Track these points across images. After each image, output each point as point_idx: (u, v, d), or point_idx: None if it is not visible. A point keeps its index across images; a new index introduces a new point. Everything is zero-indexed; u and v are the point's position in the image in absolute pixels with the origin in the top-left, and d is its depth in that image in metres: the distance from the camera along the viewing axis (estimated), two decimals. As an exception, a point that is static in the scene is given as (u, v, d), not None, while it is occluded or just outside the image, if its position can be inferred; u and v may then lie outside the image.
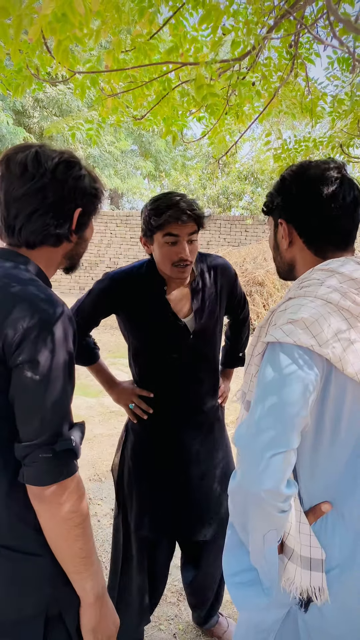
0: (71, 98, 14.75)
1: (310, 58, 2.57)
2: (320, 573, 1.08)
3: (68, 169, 1.18)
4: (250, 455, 0.97)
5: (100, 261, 14.04)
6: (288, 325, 1.03)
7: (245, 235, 13.14)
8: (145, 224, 1.84)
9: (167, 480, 1.97)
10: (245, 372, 1.27)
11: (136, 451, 2.02)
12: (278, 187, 1.30)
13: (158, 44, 2.24)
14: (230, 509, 1.11)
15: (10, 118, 13.67)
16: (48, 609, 1.13)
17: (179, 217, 1.74)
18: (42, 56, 2.18)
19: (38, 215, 1.14)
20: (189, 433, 1.99)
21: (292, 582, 1.11)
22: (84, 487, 1.13)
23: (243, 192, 14.19)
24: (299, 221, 1.24)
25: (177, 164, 19.84)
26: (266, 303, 9.59)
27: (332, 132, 3.01)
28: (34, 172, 1.14)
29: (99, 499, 3.49)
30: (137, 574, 2.04)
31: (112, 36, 2.01)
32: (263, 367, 1.05)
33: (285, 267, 1.33)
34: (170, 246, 1.79)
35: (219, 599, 2.31)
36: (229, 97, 2.36)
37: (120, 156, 17.95)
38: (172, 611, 2.49)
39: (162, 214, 1.75)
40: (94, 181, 1.24)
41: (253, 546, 1.08)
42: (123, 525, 2.05)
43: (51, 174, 1.15)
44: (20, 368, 1.03)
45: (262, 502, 0.96)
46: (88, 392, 5.63)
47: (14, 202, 1.15)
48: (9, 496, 1.09)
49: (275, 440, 0.95)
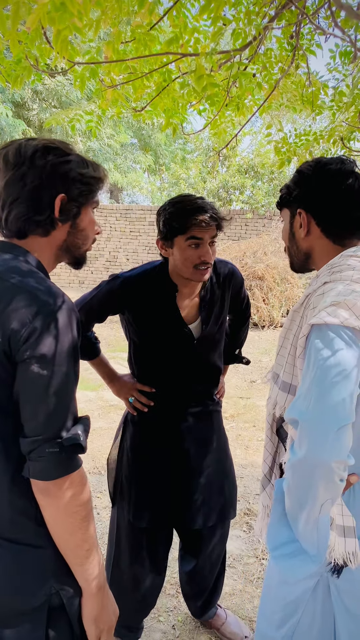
0: (70, 90, 14.66)
1: (311, 49, 2.55)
2: (353, 539, 1.16)
3: (46, 154, 1.16)
4: (318, 430, 1.03)
5: (100, 255, 14.01)
6: (332, 308, 1.10)
7: (246, 230, 13.10)
8: (165, 227, 1.82)
9: (167, 471, 1.98)
10: (279, 354, 1.35)
11: (135, 443, 2.03)
12: (296, 179, 1.38)
13: (158, 35, 2.22)
14: (289, 482, 1.15)
15: (9, 110, 13.59)
16: (50, 599, 1.14)
17: (204, 221, 1.75)
18: (42, 47, 2.16)
19: (18, 202, 1.14)
20: (188, 424, 2.01)
21: (332, 549, 1.18)
22: (88, 481, 1.14)
23: (243, 186, 14.14)
24: (318, 211, 1.33)
25: (176, 157, 19.77)
26: (266, 297, 9.58)
27: (333, 125, 2.99)
28: (15, 161, 1.14)
29: (99, 491, 3.50)
30: (133, 565, 2.05)
31: (111, 27, 1.99)
32: (313, 348, 1.10)
33: (301, 256, 1.41)
34: (193, 249, 1.79)
35: (218, 590, 2.32)
36: (230, 88, 2.34)
37: (120, 150, 17.90)
38: (171, 603, 2.50)
39: (187, 217, 1.75)
40: (84, 167, 1.21)
41: (307, 517, 1.14)
42: (119, 517, 2.05)
43: (29, 161, 1.14)
44: (27, 363, 1.02)
45: (331, 473, 1.03)
46: (88, 386, 5.64)
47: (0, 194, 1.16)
48: (11, 490, 1.10)
49: (340, 415, 1.02)
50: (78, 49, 2.31)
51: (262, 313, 9.34)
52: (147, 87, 2.44)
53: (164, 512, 1.99)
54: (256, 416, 5.09)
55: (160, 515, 1.99)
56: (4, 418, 1.07)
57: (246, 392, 5.85)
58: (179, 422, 2.00)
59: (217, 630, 2.30)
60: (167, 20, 2.19)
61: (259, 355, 7.46)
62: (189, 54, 2.08)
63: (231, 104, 2.56)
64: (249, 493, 3.58)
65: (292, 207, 1.40)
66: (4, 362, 1.04)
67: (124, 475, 2.03)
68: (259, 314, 9.33)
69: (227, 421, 4.92)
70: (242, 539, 3.04)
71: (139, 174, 19.89)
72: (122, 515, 2.04)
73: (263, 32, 1.83)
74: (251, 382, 6.25)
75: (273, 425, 1.49)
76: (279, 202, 1.45)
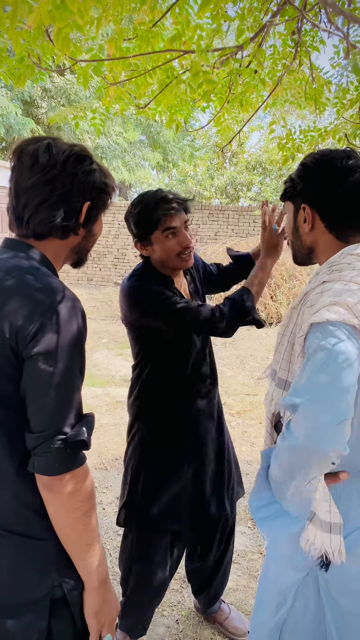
0: (79, 88, 14.68)
1: (315, 46, 2.54)
2: (338, 536, 1.17)
3: (78, 162, 1.18)
4: (318, 423, 1.06)
5: (108, 252, 14.04)
6: (332, 307, 1.10)
7: (254, 226, 13.06)
8: (137, 227, 1.83)
9: (187, 471, 1.98)
10: (276, 350, 1.36)
11: (153, 449, 1.99)
12: (300, 172, 1.36)
13: (161, 32, 2.22)
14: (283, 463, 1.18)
15: (18, 108, 13.64)
16: (53, 591, 1.16)
17: (172, 208, 1.77)
18: (44, 45, 2.17)
19: (46, 206, 1.15)
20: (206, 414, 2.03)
21: (312, 543, 1.19)
22: (92, 477, 1.16)
23: (251, 182, 14.10)
24: (323, 206, 1.31)
25: (185, 154, 19.74)
26: (274, 294, 9.55)
27: (337, 122, 2.98)
28: (45, 163, 1.14)
29: (105, 487, 3.52)
30: (162, 568, 2.02)
31: (114, 24, 1.99)
32: (313, 345, 1.11)
33: (304, 251, 1.40)
34: (172, 238, 1.82)
35: (223, 585, 2.33)
36: (231, 85, 2.34)
37: (129, 147, 17.90)
38: (175, 598, 2.51)
39: (154, 212, 1.77)
40: (104, 176, 1.25)
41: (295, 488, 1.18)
42: (142, 521, 1.98)
43: (61, 165, 1.15)
44: (34, 359, 1.04)
45: (326, 459, 1.06)
46: (95, 382, 5.67)
47: (24, 193, 1.15)
48: (16, 483, 1.11)
49: (340, 410, 1.05)
50: (81, 46, 2.32)
51: (270, 310, 9.31)
52: (150, 85, 2.45)
53: (188, 511, 1.98)
54: (262, 413, 5.09)
55: (185, 515, 1.98)
56: (9, 413, 1.09)
57: (253, 389, 5.85)
58: (196, 419, 2.00)
59: (220, 625, 2.32)
60: (170, 17, 2.19)
61: (266, 352, 7.45)
62: (189, 51, 2.08)
63: (235, 100, 2.55)
64: (254, 489, 3.58)
65: (297, 202, 1.38)
66: (11, 359, 1.05)
67: (145, 481, 1.97)
68: (267, 311, 9.30)
69: (233, 418, 4.93)
70: (247, 535, 3.05)
71: (147, 171, 19.88)
72: (144, 519, 1.97)
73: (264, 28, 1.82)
74: (258, 379, 6.25)
75: (272, 420, 1.49)
76: (283, 195, 1.44)
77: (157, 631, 2.31)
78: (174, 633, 2.31)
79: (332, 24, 1.26)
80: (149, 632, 2.26)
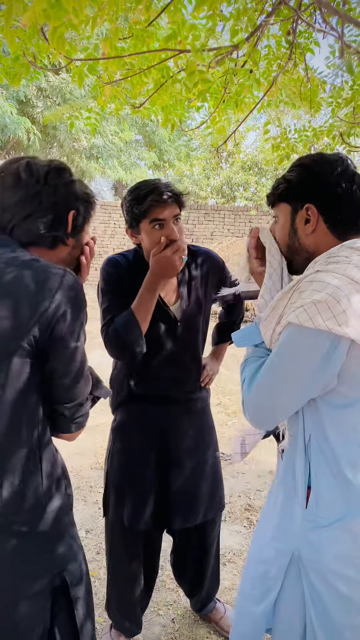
0: (75, 87, 14.64)
1: (309, 47, 2.54)
2: None
3: (59, 175, 1.25)
4: (262, 409, 1.25)
5: (104, 252, 14.04)
6: (311, 307, 1.11)
7: (250, 226, 13.09)
8: (128, 214, 1.85)
9: (160, 473, 1.98)
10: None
11: (125, 448, 2.02)
12: (301, 174, 1.33)
13: (156, 31, 2.22)
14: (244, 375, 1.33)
15: (14, 108, 13.59)
16: (53, 580, 1.20)
17: (161, 199, 1.76)
18: (39, 44, 2.17)
19: (33, 218, 1.21)
20: (178, 422, 2.01)
21: None
22: None
23: (247, 182, 14.13)
24: (331, 207, 1.29)
25: (181, 154, 19.74)
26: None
27: (332, 121, 2.99)
28: (27, 180, 1.21)
29: (100, 486, 3.52)
30: (131, 567, 2.06)
31: (109, 23, 1.99)
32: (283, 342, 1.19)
33: (303, 254, 1.36)
34: (158, 230, 1.80)
35: (214, 588, 2.34)
36: (227, 85, 2.34)
37: (124, 147, 17.87)
38: (170, 597, 2.52)
39: (144, 201, 1.77)
40: (84, 187, 1.32)
41: None
42: (116, 522, 2.03)
43: (44, 179, 1.22)
44: (60, 339, 1.13)
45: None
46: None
47: (9, 209, 1.21)
48: (24, 473, 1.14)
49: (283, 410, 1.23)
50: (76, 45, 2.32)
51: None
52: (145, 84, 2.45)
53: (160, 513, 1.99)
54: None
55: (158, 517, 1.99)
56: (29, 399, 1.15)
57: (248, 388, 5.86)
58: (170, 420, 1.99)
59: (215, 623, 2.32)
60: (165, 16, 2.19)
61: (262, 352, 7.46)
62: (184, 50, 2.08)
63: (230, 100, 2.55)
64: (249, 489, 3.59)
65: (296, 202, 1.34)
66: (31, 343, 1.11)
67: (112, 481, 2.03)
68: (263, 311, 9.30)
69: (229, 417, 4.93)
70: (242, 534, 3.05)
71: (143, 170, 19.84)
72: (118, 520, 2.02)
73: (259, 28, 1.83)
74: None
75: None
76: (279, 196, 1.38)
77: (153, 630, 2.31)
78: (170, 632, 2.31)
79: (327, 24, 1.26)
80: (144, 630, 2.27)
